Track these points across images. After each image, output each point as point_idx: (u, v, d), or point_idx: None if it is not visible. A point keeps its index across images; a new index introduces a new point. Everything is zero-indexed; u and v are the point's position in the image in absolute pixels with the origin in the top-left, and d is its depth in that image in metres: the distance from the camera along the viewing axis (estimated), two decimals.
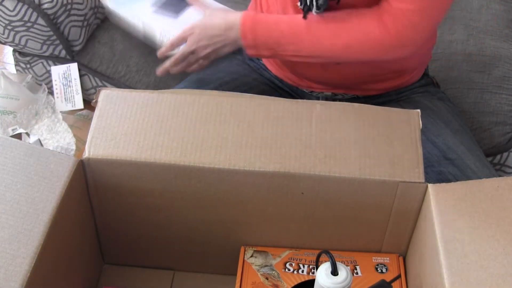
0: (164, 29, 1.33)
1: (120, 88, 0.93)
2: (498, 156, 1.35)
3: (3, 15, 1.42)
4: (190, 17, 1.33)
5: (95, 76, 1.53)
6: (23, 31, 1.45)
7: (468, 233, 0.77)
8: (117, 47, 1.51)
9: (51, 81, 1.58)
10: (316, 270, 0.78)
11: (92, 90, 1.57)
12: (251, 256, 0.93)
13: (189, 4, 1.30)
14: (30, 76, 1.61)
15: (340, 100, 1.13)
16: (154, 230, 0.95)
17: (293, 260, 0.93)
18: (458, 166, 1.02)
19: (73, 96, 1.58)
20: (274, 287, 0.90)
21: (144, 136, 0.85)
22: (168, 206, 0.90)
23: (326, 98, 1.14)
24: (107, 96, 0.89)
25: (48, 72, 1.59)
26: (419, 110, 0.88)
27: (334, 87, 1.12)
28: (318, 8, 0.95)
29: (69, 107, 1.59)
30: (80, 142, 1.57)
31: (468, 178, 1.00)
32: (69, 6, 1.44)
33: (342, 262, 0.80)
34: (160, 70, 1.16)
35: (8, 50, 1.88)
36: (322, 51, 0.99)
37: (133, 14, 1.39)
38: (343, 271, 0.76)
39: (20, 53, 1.58)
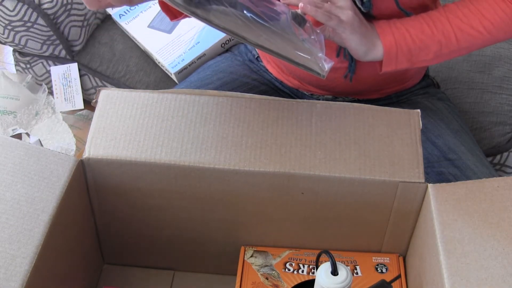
0: (158, 44, 1.42)
1: (120, 88, 0.93)
2: (498, 156, 1.35)
3: (3, 15, 1.42)
4: (183, 32, 1.42)
5: (95, 76, 1.53)
6: (23, 31, 1.45)
7: (468, 233, 0.77)
8: (117, 47, 1.51)
9: (51, 81, 1.58)
10: (316, 270, 0.78)
11: (92, 90, 1.57)
12: (251, 256, 0.93)
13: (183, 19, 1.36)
14: (30, 76, 1.61)
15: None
16: (154, 230, 0.95)
17: (293, 260, 0.93)
18: (458, 166, 1.02)
19: (73, 96, 1.58)
20: (274, 287, 0.90)
21: (144, 136, 0.85)
22: (168, 206, 0.90)
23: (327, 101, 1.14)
24: (107, 96, 0.89)
25: (48, 72, 1.58)
26: (419, 110, 0.88)
27: (336, 92, 1.12)
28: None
29: (69, 107, 1.59)
30: (80, 142, 1.57)
31: (468, 178, 1.00)
32: (69, 6, 1.44)
33: (342, 262, 0.80)
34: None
35: (8, 50, 1.88)
36: (468, 43, 0.95)
37: (131, 27, 1.47)
38: (343, 271, 0.76)
39: (20, 53, 1.58)
